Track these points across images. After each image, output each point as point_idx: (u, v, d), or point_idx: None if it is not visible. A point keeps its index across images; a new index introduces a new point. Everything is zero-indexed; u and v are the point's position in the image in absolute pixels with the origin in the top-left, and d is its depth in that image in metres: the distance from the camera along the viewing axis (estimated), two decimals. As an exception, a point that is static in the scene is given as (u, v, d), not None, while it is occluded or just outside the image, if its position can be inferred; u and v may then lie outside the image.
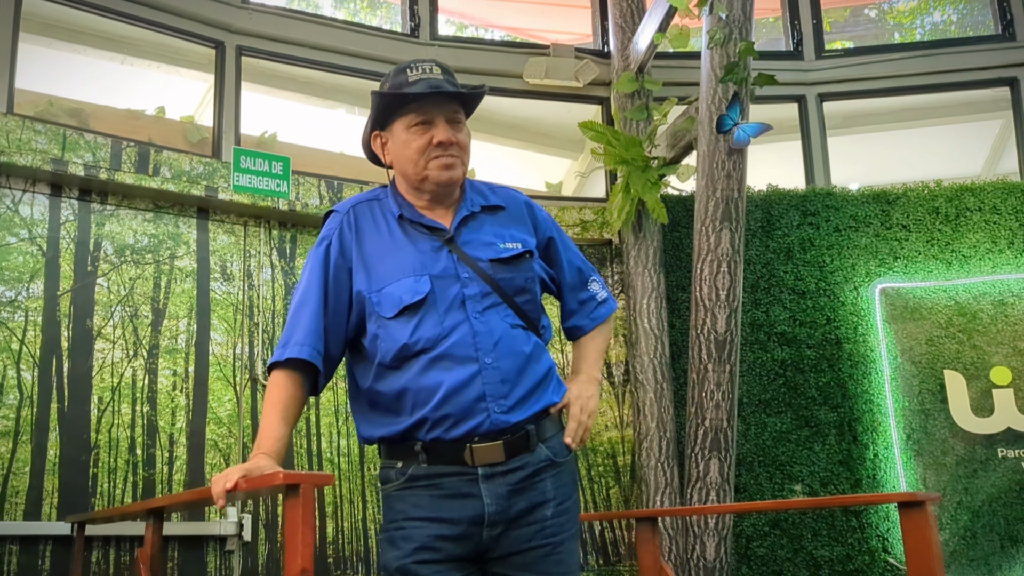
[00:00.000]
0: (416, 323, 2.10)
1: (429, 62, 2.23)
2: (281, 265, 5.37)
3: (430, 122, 2.17)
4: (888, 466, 5.79)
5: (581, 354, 2.41)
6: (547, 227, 2.36)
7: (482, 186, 2.35)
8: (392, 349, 2.11)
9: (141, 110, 5.58)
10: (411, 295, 2.11)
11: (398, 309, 2.11)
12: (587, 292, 2.42)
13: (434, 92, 2.16)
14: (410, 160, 2.19)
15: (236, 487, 1.89)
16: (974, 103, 6.85)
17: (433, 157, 2.17)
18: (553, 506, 2.14)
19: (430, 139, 2.16)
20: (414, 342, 2.09)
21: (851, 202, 6.17)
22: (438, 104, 2.17)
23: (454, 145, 2.18)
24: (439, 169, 2.17)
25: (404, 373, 2.10)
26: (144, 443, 4.79)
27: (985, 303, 6.00)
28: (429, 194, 2.22)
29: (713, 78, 4.91)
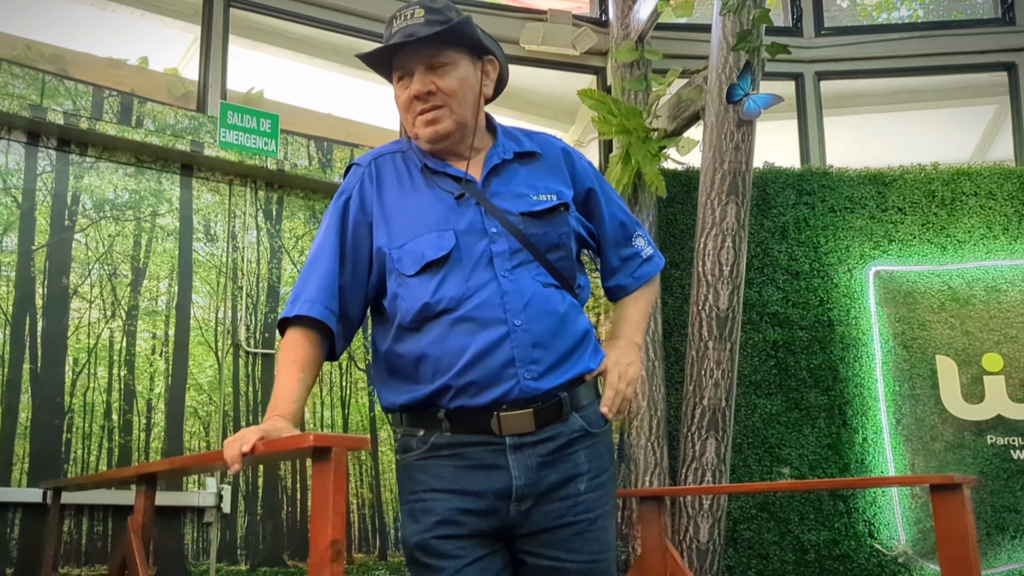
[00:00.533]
0: (439, 281, 1.95)
1: (414, 5, 2.04)
2: (267, 227, 5.15)
3: (410, 74, 2.03)
4: (877, 451, 5.73)
5: (622, 317, 2.25)
6: (586, 177, 2.19)
7: (516, 131, 2.19)
8: (412, 309, 1.96)
9: (123, 59, 5.31)
10: (434, 251, 1.96)
11: (420, 266, 1.96)
12: (631, 248, 2.25)
13: (403, 42, 1.98)
14: (403, 119, 2.07)
15: (254, 450, 1.73)
16: (970, 87, 6.80)
17: (417, 113, 2.03)
18: (587, 480, 1.99)
19: (409, 94, 2.03)
20: (436, 301, 1.95)
21: (847, 183, 6.08)
22: (413, 54, 2.01)
23: (434, 94, 2.01)
24: (422, 126, 2.03)
25: (425, 335, 1.96)
26: (121, 408, 4.57)
27: (978, 289, 5.95)
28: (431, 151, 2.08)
29: (725, 46, 4.77)
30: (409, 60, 2.02)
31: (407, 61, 2.02)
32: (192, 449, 4.69)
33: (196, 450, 4.70)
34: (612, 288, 2.27)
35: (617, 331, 2.23)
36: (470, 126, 2.08)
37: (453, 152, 2.09)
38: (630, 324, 2.24)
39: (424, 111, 2.02)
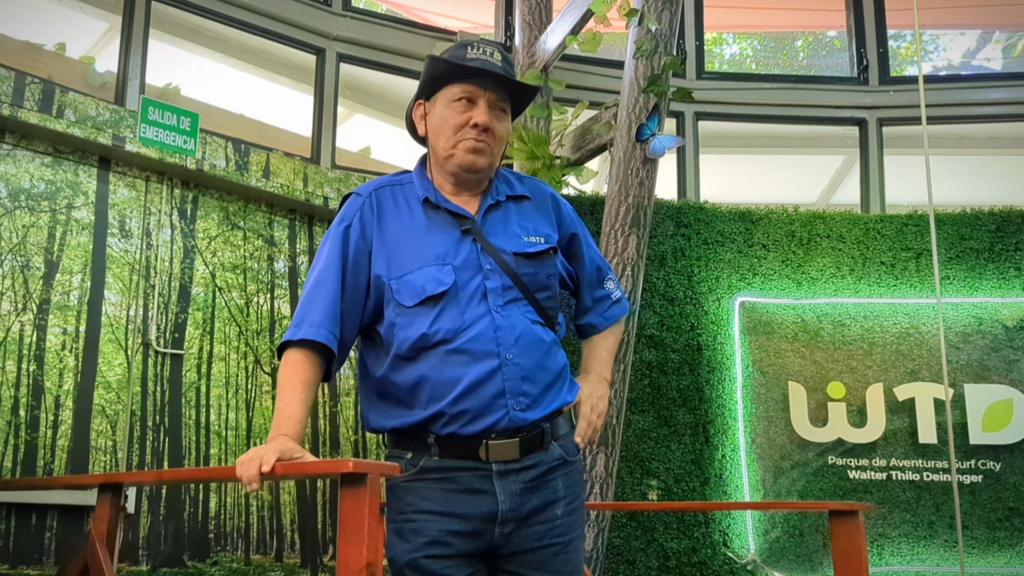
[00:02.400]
0: (436, 314, 2.06)
1: (493, 45, 2.19)
2: (181, 227, 5.12)
3: (473, 101, 2.12)
4: (734, 467, 6.23)
5: (592, 353, 2.41)
6: (571, 222, 2.34)
7: (509, 175, 2.32)
8: (410, 339, 2.07)
9: (40, 44, 5.13)
10: (434, 285, 2.07)
11: (420, 299, 2.06)
12: (603, 290, 2.40)
13: (485, 71, 2.11)
14: (443, 134, 2.14)
15: (273, 471, 1.81)
16: (824, 137, 7.45)
17: (466, 138, 2.12)
18: (563, 505, 2.13)
19: (468, 119, 2.11)
20: (433, 332, 2.05)
21: (720, 218, 6.57)
22: (485, 86, 2.12)
23: (490, 132, 2.13)
24: (466, 151, 2.12)
25: (421, 365, 2.07)
26: (28, 404, 4.46)
27: (826, 323, 6.55)
28: (453, 176, 2.18)
29: (636, 87, 5.10)
30: (480, 89, 2.11)
31: (477, 89, 2.12)
32: (98, 448, 4.63)
33: (103, 449, 4.64)
34: (583, 326, 2.43)
35: (588, 366, 2.39)
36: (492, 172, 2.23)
37: (464, 188, 2.21)
38: (600, 360, 2.40)
39: (476, 139, 2.12)
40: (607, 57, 6.63)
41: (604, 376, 2.35)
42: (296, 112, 5.99)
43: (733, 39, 8.58)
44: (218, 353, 5.14)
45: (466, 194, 2.20)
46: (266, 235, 5.47)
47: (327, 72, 5.98)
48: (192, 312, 5.08)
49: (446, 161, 2.16)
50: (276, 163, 5.52)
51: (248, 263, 5.35)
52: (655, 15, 5.09)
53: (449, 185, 2.20)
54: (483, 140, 2.12)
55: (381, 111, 6.41)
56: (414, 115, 2.24)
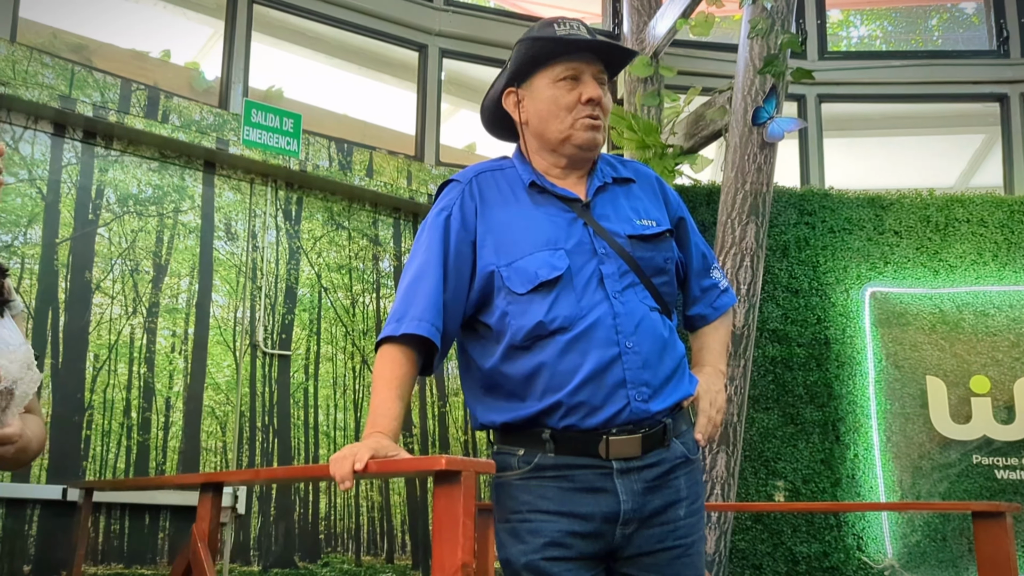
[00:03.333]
0: (552, 300, 1.95)
1: (575, 21, 2.08)
2: (286, 228, 5.13)
3: (578, 78, 2.04)
4: (867, 467, 5.88)
5: (704, 345, 2.27)
6: (677, 206, 2.22)
7: (611, 158, 2.22)
8: (525, 327, 1.96)
9: (146, 52, 5.25)
10: (548, 270, 1.96)
11: (533, 285, 1.96)
12: (710, 279, 2.28)
13: (586, 42, 2.02)
14: (555, 116, 2.05)
15: (366, 469, 1.72)
16: (961, 115, 7.00)
17: (581, 116, 2.03)
18: (686, 506, 2.01)
19: (579, 95, 2.03)
20: (550, 320, 1.94)
21: (847, 204, 6.22)
22: (587, 60, 2.05)
23: (600, 105, 2.05)
24: (584, 129, 2.04)
25: (536, 354, 1.96)
26: (140, 406, 4.52)
27: (968, 313, 6.13)
28: (567, 158, 2.08)
29: (751, 69, 4.86)
30: (583, 64, 2.05)
31: (581, 64, 2.05)
32: (208, 449, 4.66)
33: (213, 450, 4.67)
34: (692, 317, 2.29)
35: (702, 359, 2.26)
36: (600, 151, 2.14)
37: (576, 167, 2.11)
38: (713, 352, 2.26)
39: (592, 116, 2.05)
40: (720, 40, 6.37)
41: (720, 368, 2.22)
42: (399, 110, 5.96)
43: (861, 21, 8.16)
44: (325, 353, 5.12)
45: (573, 176, 2.11)
46: (371, 234, 5.44)
47: (430, 68, 5.93)
48: (299, 313, 5.08)
49: (562, 144, 2.07)
50: (379, 161, 5.48)
51: (353, 263, 5.33)
52: (770, -8, 4.85)
53: (556, 168, 2.11)
54: (598, 115, 2.05)
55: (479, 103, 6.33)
56: (505, 104, 2.14)
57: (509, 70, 2.11)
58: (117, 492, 4.31)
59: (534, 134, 2.11)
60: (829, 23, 7.20)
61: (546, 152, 2.11)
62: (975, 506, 3.20)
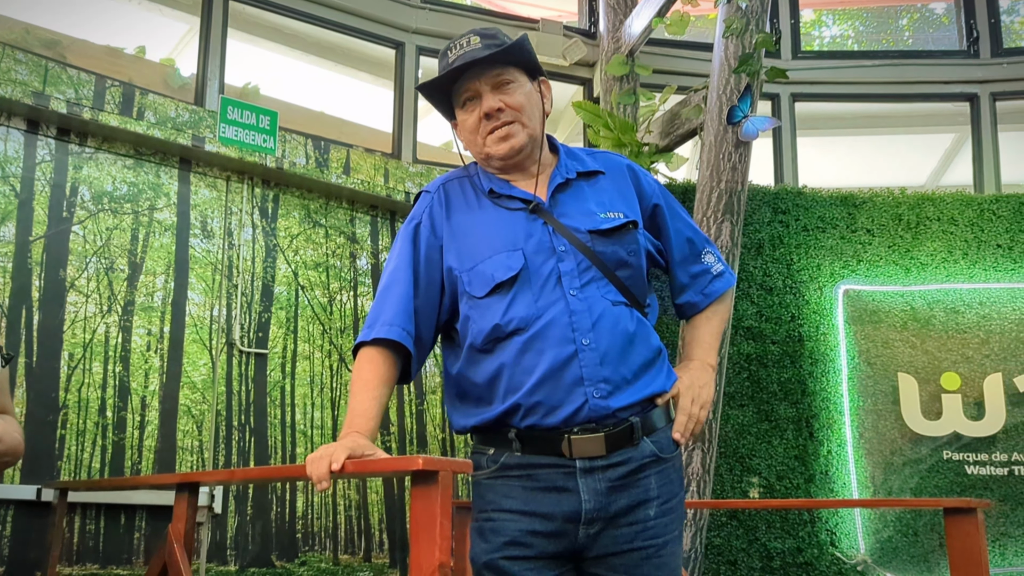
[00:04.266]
0: (509, 302, 1.97)
1: (467, 34, 2.09)
2: (263, 225, 5.10)
3: (477, 96, 2.05)
4: (840, 463, 5.94)
5: (694, 336, 2.21)
6: (652, 193, 2.18)
7: (579, 151, 2.21)
8: (484, 330, 1.98)
9: (120, 48, 5.19)
10: (503, 271, 1.98)
11: (490, 287, 1.98)
12: (700, 265, 2.21)
13: (464, 64, 2.02)
14: (471, 141, 2.09)
15: (343, 469, 1.73)
16: (932, 115, 7.07)
17: (488, 132, 2.05)
18: (656, 505, 1.99)
19: (479, 114, 2.04)
20: (507, 322, 1.96)
21: (820, 203, 6.27)
22: (477, 76, 2.04)
23: (504, 111, 2.03)
24: (495, 142, 2.05)
25: (496, 357, 1.97)
26: (115, 405, 4.48)
27: (938, 310, 6.20)
28: (501, 170, 2.10)
29: (726, 68, 4.89)
30: (474, 83, 2.04)
31: (472, 84, 2.04)
32: (185, 448, 4.63)
33: (189, 449, 4.64)
34: (682, 305, 2.24)
35: (690, 352, 2.21)
36: (539, 140, 2.11)
37: (521, 169, 2.11)
38: (703, 344, 2.21)
39: (496, 128, 2.04)
40: (695, 40, 6.40)
41: (708, 362, 2.17)
42: (376, 107, 5.95)
43: (833, 21, 8.23)
44: (302, 352, 5.11)
45: (526, 177, 2.11)
46: (348, 232, 5.42)
47: (407, 66, 5.91)
48: (275, 311, 5.06)
49: (486, 161, 2.10)
50: (356, 159, 5.47)
51: (330, 261, 5.31)
52: (743, -8, 4.88)
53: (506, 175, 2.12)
54: (502, 123, 2.04)
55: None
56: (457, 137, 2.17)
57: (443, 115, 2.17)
58: (92, 492, 4.27)
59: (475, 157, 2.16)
60: (802, 22, 7.26)
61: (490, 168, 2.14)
62: (947, 502, 3.24)
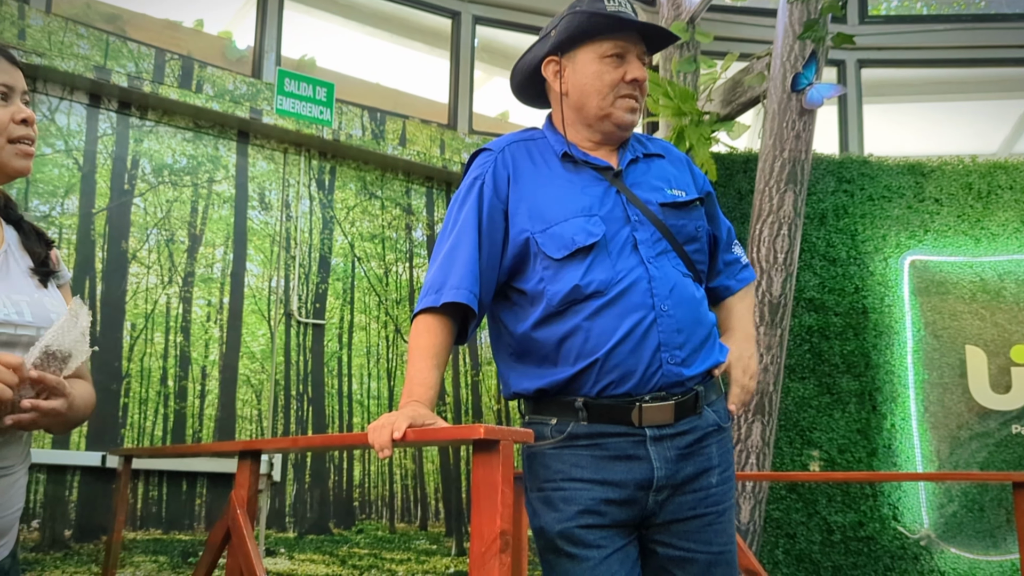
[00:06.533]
0: (588, 265, 1.98)
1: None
2: (320, 197, 5.14)
3: (624, 56, 2.07)
4: (904, 437, 5.83)
5: (732, 312, 2.30)
6: (704, 181, 2.26)
7: (641, 136, 2.24)
8: (561, 292, 1.98)
9: (179, 21, 5.25)
10: (584, 236, 1.99)
11: (570, 250, 1.98)
12: (732, 254, 2.33)
13: (638, 23, 2.05)
14: (597, 92, 2.07)
15: (405, 437, 1.73)
16: (1005, 80, 6.84)
17: (622, 95, 2.07)
18: (718, 473, 2.03)
19: (623, 74, 2.05)
20: (586, 284, 1.97)
21: (886, 172, 6.13)
22: (633, 40, 2.07)
23: (642, 87, 2.08)
24: (624, 110, 2.07)
25: (572, 318, 1.98)
26: (176, 375, 4.57)
27: (1009, 282, 6.03)
28: (602, 134, 2.11)
29: (791, 34, 4.78)
30: (630, 44, 2.07)
31: (626, 43, 2.07)
32: (244, 417, 4.71)
33: (248, 418, 4.72)
34: (717, 288, 2.31)
35: (731, 324, 2.27)
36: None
37: (604, 144, 2.13)
38: (742, 317, 2.29)
39: (633, 96, 2.08)
40: (758, 6, 6.26)
41: (750, 332, 2.24)
42: (432, 78, 5.93)
43: (903, -18, 7.98)
44: (358, 323, 5.15)
45: (605, 149, 2.13)
46: (404, 204, 5.43)
47: (463, 35, 5.88)
48: (332, 282, 5.10)
49: (600, 120, 2.10)
50: (412, 131, 5.47)
51: (386, 232, 5.33)
52: (806, -45, 4.75)
53: (589, 142, 2.13)
54: (637, 94, 2.09)
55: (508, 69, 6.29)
56: (544, 71, 2.16)
57: (554, 39, 2.12)
58: (155, 459, 4.37)
59: (572, 106, 2.12)
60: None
61: (581, 126, 2.12)
62: (1016, 476, 3.17)
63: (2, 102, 1.74)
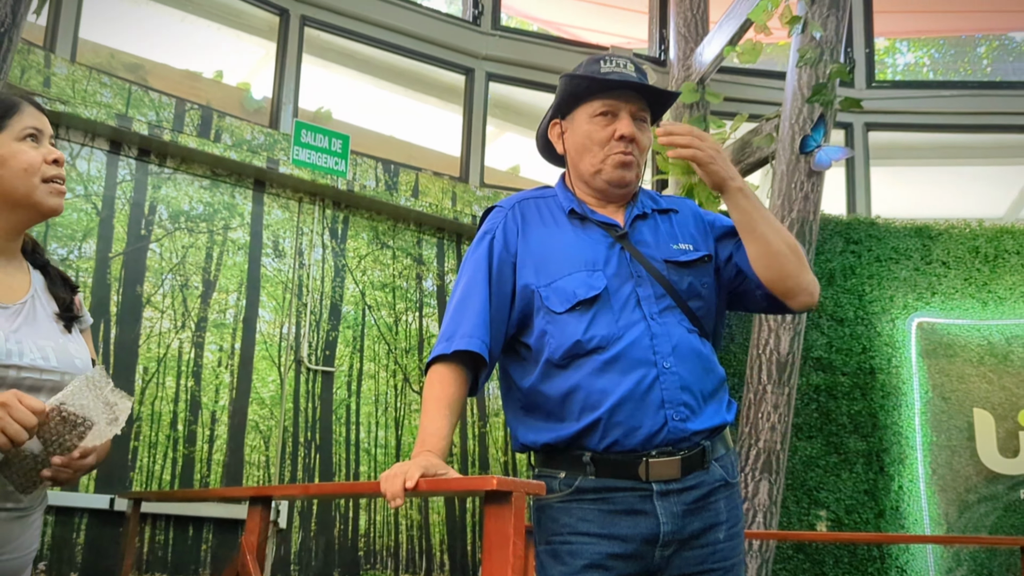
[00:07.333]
0: (590, 320, 1.99)
1: (624, 57, 2.14)
2: (332, 246, 5.20)
3: (615, 114, 2.09)
4: (912, 499, 5.80)
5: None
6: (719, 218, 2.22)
7: (652, 192, 2.27)
8: (563, 345, 1.99)
9: (199, 72, 5.37)
10: (585, 290, 2.00)
11: (571, 304, 2.00)
12: None
13: (624, 82, 2.07)
14: (588, 151, 2.11)
15: (417, 487, 1.74)
16: (1011, 147, 6.92)
17: (613, 152, 2.08)
18: (725, 529, 2.02)
19: (612, 132, 2.08)
20: (588, 339, 1.98)
21: (893, 234, 6.18)
22: (626, 97, 2.10)
23: (635, 143, 2.09)
24: (615, 166, 2.09)
25: (574, 373, 1.98)
26: (187, 419, 4.59)
27: (1017, 345, 6.04)
28: (600, 192, 2.14)
29: (799, 97, 4.86)
30: (621, 102, 2.10)
31: (618, 101, 2.10)
32: (251, 463, 4.72)
33: (256, 464, 4.73)
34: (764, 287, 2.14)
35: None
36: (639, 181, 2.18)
37: (611, 199, 2.16)
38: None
39: (624, 152, 2.09)
40: (767, 68, 6.38)
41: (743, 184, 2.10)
42: (445, 132, 6.03)
43: (908, 48, 8.13)
44: (368, 371, 5.17)
45: (611, 206, 2.16)
46: (415, 254, 5.49)
47: (476, 91, 6.00)
48: (343, 330, 5.14)
49: (593, 177, 2.13)
50: (425, 182, 5.55)
51: (397, 282, 5.38)
52: (819, 21, 4.85)
53: (593, 199, 2.16)
54: (630, 152, 2.09)
55: (531, 129, 6.38)
56: (550, 134, 2.23)
57: (554, 103, 2.20)
58: (163, 503, 4.37)
59: (572, 165, 2.18)
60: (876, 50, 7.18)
61: (582, 183, 2.17)
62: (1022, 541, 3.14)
63: (33, 144, 1.80)
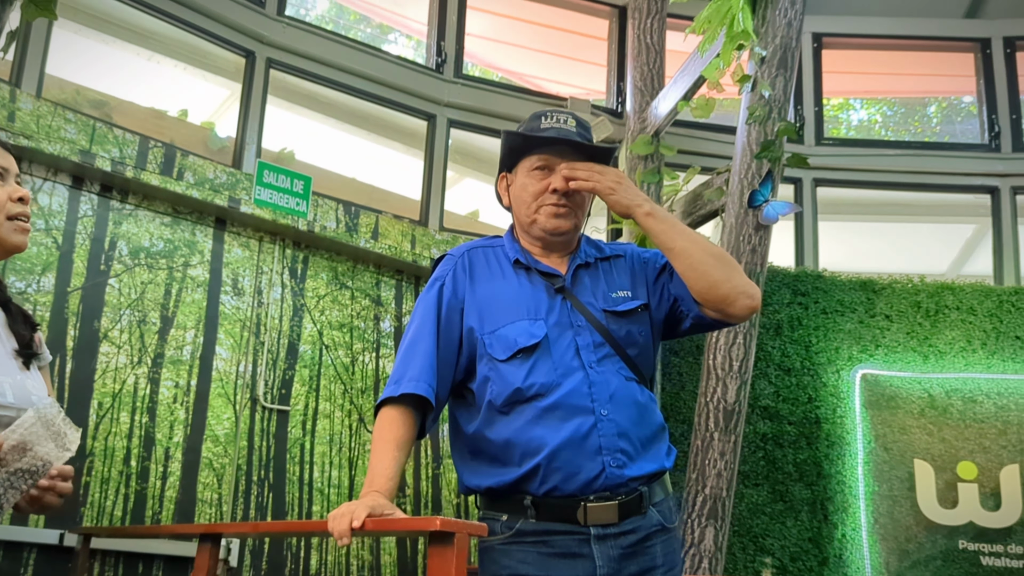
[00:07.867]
0: (530, 367, 2.08)
1: (566, 113, 2.26)
2: (291, 285, 5.25)
3: (550, 168, 2.19)
4: (854, 547, 5.92)
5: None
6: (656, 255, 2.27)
7: (597, 241, 2.37)
8: (504, 392, 2.08)
9: (164, 110, 5.42)
10: (526, 338, 2.10)
11: (512, 352, 2.09)
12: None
13: (558, 139, 2.18)
14: (524, 203, 2.22)
15: (364, 526, 1.81)
16: (954, 206, 7.16)
17: (546, 204, 2.19)
18: (661, 572, 2.10)
19: (546, 186, 2.19)
20: (528, 386, 2.07)
21: (839, 287, 6.36)
22: (562, 153, 2.20)
23: (568, 197, 2.19)
24: (547, 216, 2.19)
25: (515, 419, 2.07)
26: (140, 455, 4.58)
27: (956, 399, 6.22)
28: (539, 240, 2.24)
29: (748, 153, 5.02)
30: (557, 157, 2.20)
31: (554, 157, 2.20)
32: (204, 500, 4.71)
33: (208, 502, 4.72)
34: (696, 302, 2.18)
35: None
36: (578, 233, 2.28)
37: (552, 251, 2.25)
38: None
39: (556, 204, 2.19)
40: (720, 123, 6.56)
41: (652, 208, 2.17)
42: (406, 176, 6.13)
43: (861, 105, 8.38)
44: (323, 410, 5.20)
45: (555, 256, 2.25)
46: (373, 295, 5.55)
47: (438, 137, 6.11)
48: (299, 369, 5.17)
49: (530, 227, 2.23)
50: (385, 225, 5.62)
51: (355, 322, 5.43)
52: (769, 81, 5.02)
53: (537, 248, 2.25)
54: (563, 204, 2.18)
55: (490, 175, 6.50)
56: (499, 187, 2.34)
57: (500, 158, 2.31)
58: (113, 540, 4.35)
59: (515, 216, 2.29)
60: (829, 105, 7.42)
61: (524, 233, 2.27)
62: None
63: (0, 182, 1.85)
